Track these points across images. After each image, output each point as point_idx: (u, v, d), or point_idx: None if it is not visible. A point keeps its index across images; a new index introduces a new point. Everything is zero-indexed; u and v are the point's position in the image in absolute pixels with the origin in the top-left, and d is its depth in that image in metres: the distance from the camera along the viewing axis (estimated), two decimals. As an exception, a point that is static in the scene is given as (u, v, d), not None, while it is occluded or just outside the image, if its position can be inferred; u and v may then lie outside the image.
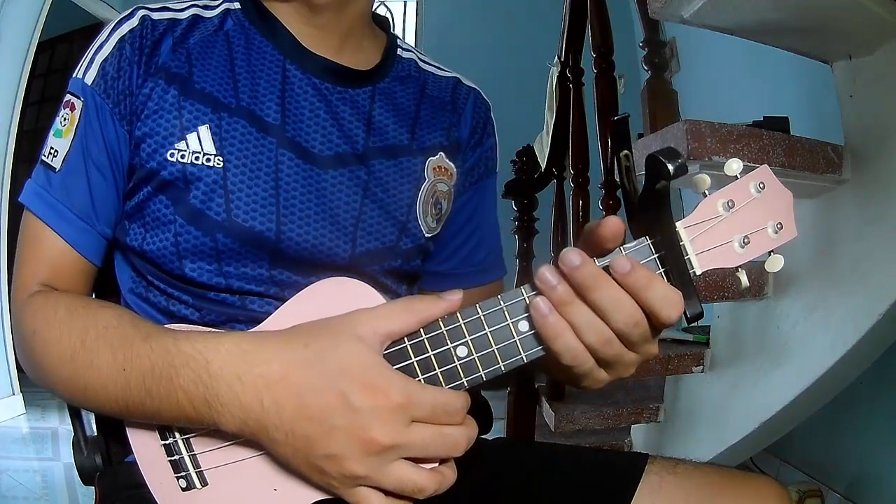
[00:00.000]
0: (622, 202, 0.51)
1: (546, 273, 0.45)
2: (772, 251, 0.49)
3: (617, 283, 0.44)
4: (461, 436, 0.46)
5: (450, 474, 0.47)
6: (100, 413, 0.64)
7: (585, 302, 0.44)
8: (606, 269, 0.44)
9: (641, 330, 0.45)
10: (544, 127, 2.17)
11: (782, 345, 1.27)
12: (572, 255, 0.44)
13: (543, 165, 2.13)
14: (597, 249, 0.46)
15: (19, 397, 2.86)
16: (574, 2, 1.93)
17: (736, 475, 0.63)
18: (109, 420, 0.56)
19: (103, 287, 0.69)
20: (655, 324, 0.45)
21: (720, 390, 1.43)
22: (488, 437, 0.76)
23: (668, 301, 0.44)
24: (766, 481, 0.63)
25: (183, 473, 0.52)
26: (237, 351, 0.47)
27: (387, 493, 0.46)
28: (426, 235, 0.69)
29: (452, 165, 0.72)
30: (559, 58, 2.06)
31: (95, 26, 3.57)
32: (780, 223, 0.48)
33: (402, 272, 0.69)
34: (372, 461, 0.44)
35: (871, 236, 1.08)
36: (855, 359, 1.14)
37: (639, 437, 1.69)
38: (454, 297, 0.48)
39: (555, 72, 2.09)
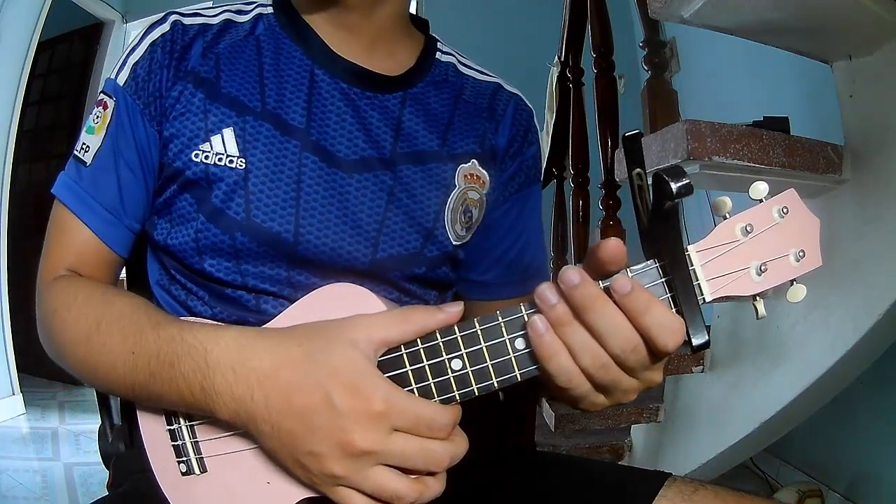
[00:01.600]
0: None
1: (546, 291, 0.43)
2: (794, 280, 0.46)
3: (616, 304, 0.43)
4: (444, 452, 0.46)
5: (434, 485, 0.47)
6: (110, 393, 0.67)
7: (582, 323, 0.43)
8: (609, 289, 0.43)
9: (639, 356, 0.43)
10: (544, 127, 2.18)
11: (782, 344, 1.27)
12: (571, 274, 0.42)
13: (543, 165, 2.13)
14: (600, 271, 0.44)
15: (19, 397, 2.86)
16: (574, 2, 1.94)
17: (756, 503, 0.60)
18: (132, 410, 0.58)
19: (136, 277, 0.73)
20: (654, 350, 0.43)
21: (720, 390, 1.43)
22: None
23: (666, 328, 0.42)
24: None
25: (184, 458, 0.54)
26: (234, 344, 0.48)
27: (369, 494, 0.46)
28: (454, 243, 0.68)
29: (486, 173, 0.70)
30: (559, 58, 2.06)
31: (95, 26, 3.57)
32: (802, 250, 0.45)
33: (427, 279, 0.68)
34: (351, 463, 0.45)
35: (871, 236, 1.08)
36: (855, 359, 1.13)
37: (639, 437, 1.69)
38: (453, 310, 0.47)
39: (555, 72, 2.09)
